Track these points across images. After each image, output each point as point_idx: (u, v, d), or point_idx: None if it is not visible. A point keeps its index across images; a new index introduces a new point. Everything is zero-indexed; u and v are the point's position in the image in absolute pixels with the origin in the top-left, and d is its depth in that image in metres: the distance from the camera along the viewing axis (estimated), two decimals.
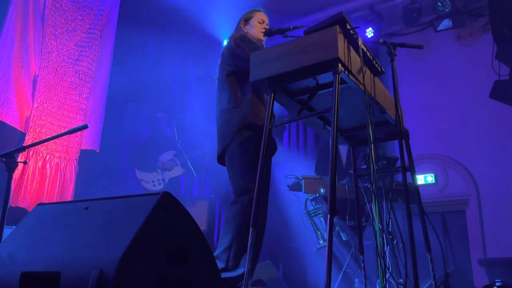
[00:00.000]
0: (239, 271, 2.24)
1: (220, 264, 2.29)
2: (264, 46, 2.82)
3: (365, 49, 1.96)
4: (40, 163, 4.01)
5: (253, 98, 2.52)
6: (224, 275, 2.27)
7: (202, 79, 6.27)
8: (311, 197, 3.85)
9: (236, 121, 2.47)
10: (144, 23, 5.09)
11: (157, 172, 4.52)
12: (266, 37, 2.77)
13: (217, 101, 2.67)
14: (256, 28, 2.80)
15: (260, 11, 2.88)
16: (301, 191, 3.76)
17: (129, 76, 4.84)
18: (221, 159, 2.59)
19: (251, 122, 2.44)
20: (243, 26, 2.85)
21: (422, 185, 5.76)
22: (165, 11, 5.44)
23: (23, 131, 3.93)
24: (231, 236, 2.29)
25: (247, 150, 2.41)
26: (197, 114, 6.05)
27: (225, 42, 5.30)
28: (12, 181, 2.39)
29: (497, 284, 3.05)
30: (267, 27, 2.82)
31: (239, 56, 2.54)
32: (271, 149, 2.62)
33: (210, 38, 5.52)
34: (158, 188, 4.47)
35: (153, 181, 4.47)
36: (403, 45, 2.37)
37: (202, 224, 4.56)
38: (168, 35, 5.40)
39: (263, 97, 2.61)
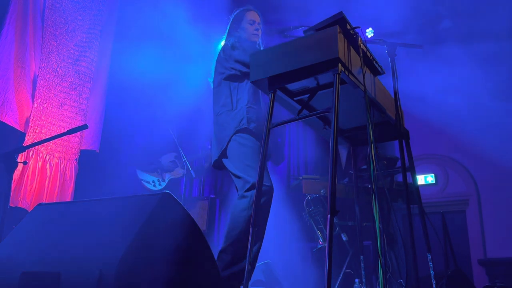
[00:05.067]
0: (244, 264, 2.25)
1: (227, 258, 2.29)
2: (261, 47, 2.81)
3: (365, 49, 1.96)
4: (40, 163, 4.00)
5: (249, 102, 2.53)
6: (231, 269, 2.27)
7: (201, 79, 6.27)
8: (311, 197, 3.85)
9: (232, 125, 2.48)
10: (144, 22, 5.09)
11: (158, 172, 4.56)
12: (259, 38, 2.77)
13: (213, 104, 2.68)
14: (248, 31, 2.76)
15: (250, 10, 2.80)
16: (301, 191, 3.77)
17: (129, 75, 4.83)
18: (217, 164, 2.60)
19: (246, 127, 2.46)
20: (234, 30, 2.79)
21: (422, 185, 5.76)
22: (165, 10, 5.43)
23: (23, 131, 3.92)
24: (239, 230, 2.30)
25: (247, 148, 2.43)
26: (197, 116, 6.04)
27: (221, 43, 5.29)
28: (12, 181, 2.39)
29: (498, 284, 3.05)
30: (259, 27, 2.78)
31: (236, 58, 2.55)
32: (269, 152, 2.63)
33: (209, 38, 5.52)
34: (159, 188, 4.53)
35: (153, 181, 4.52)
36: (403, 45, 2.37)
37: (202, 224, 4.56)
38: (168, 35, 5.40)
39: (259, 100, 2.62)
